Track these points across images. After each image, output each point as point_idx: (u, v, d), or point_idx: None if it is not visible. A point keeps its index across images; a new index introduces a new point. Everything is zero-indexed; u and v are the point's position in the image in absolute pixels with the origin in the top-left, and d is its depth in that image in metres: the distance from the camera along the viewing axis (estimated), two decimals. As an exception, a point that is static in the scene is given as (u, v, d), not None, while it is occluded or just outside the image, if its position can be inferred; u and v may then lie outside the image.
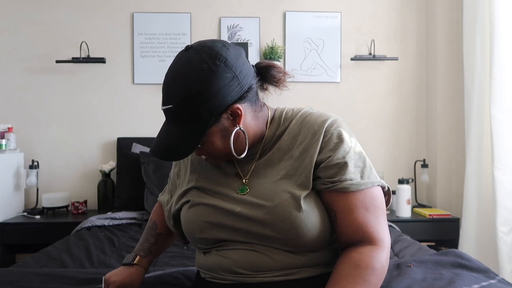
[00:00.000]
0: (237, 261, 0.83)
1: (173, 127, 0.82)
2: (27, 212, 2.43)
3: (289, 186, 0.82)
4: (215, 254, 0.88)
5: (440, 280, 1.10)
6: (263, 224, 0.81)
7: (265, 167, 0.88)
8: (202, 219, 0.87)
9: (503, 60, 2.07)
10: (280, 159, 0.87)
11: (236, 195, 0.86)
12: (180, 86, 0.79)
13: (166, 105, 0.81)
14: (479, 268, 1.20)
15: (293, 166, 0.84)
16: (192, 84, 0.77)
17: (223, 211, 0.85)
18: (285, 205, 0.80)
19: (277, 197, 0.82)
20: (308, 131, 0.86)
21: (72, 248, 1.60)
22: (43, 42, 2.64)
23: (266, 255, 0.82)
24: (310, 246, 0.82)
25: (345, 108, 2.67)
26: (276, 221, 0.80)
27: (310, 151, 0.84)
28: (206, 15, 2.72)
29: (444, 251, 1.37)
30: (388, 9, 2.78)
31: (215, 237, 0.87)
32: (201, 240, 0.89)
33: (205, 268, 0.91)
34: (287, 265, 0.82)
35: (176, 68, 0.81)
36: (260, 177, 0.87)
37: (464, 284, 1.06)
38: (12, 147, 2.48)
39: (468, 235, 2.23)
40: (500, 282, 1.10)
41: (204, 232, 0.87)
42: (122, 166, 2.50)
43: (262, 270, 0.82)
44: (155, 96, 2.69)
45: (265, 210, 0.81)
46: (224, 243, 0.87)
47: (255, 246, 0.83)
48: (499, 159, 2.06)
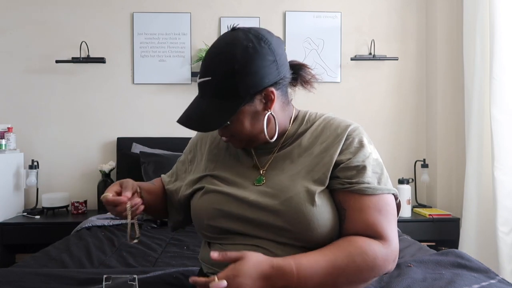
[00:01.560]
0: None
1: (207, 100, 0.85)
2: (27, 212, 2.43)
3: (306, 181, 0.84)
4: (218, 248, 0.88)
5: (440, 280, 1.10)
6: (275, 214, 0.82)
7: (283, 160, 0.90)
8: (214, 206, 0.88)
9: (503, 60, 2.07)
10: (299, 155, 0.89)
11: (252, 185, 0.88)
12: (224, 59, 0.82)
13: (205, 77, 0.84)
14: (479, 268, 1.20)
15: (312, 162, 0.86)
16: (236, 60, 0.81)
17: (237, 199, 0.86)
18: (300, 198, 0.81)
19: (292, 189, 0.83)
20: (330, 133, 0.88)
21: (72, 248, 1.60)
22: (43, 42, 2.64)
23: (270, 252, 0.82)
24: (319, 241, 0.82)
25: (345, 108, 2.67)
26: (289, 212, 0.81)
27: (330, 150, 0.86)
28: (206, 15, 2.72)
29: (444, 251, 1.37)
30: (388, 9, 2.78)
31: (223, 226, 0.87)
32: (208, 227, 0.89)
33: (208, 261, 0.91)
34: None
35: (222, 44, 0.85)
36: (277, 170, 0.89)
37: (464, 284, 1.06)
38: (12, 147, 2.48)
39: (468, 235, 2.23)
40: (500, 282, 1.10)
41: (214, 220, 0.88)
42: (122, 166, 2.50)
43: None
44: (155, 96, 2.69)
45: (279, 201, 0.82)
46: (230, 236, 0.87)
47: (261, 242, 0.83)
48: (499, 159, 2.06)
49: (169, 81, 2.68)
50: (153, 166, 2.28)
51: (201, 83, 0.86)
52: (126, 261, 1.47)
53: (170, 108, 2.69)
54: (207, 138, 1.03)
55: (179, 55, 2.68)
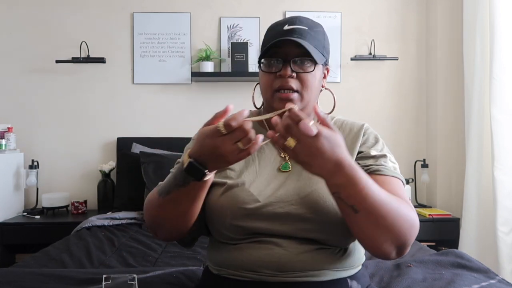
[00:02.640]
0: (261, 259, 0.82)
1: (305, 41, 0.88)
2: (27, 212, 2.43)
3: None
4: (236, 250, 0.86)
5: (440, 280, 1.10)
6: (303, 206, 0.83)
7: None
8: (239, 205, 0.84)
9: (503, 60, 2.07)
10: None
11: (278, 171, 0.89)
12: (317, 24, 0.93)
13: (301, 25, 0.89)
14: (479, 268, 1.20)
15: None
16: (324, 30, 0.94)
17: (264, 196, 0.85)
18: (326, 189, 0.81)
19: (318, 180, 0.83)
20: (347, 134, 0.94)
21: (72, 248, 1.60)
22: (43, 42, 2.64)
23: (290, 253, 0.82)
24: (339, 230, 0.82)
25: (345, 108, 2.67)
26: (316, 203, 0.83)
27: (350, 147, 0.90)
28: (206, 15, 2.72)
29: (444, 251, 1.37)
30: (388, 9, 2.78)
31: (248, 226, 0.84)
32: (232, 228, 0.85)
33: (222, 264, 0.88)
34: (310, 266, 0.82)
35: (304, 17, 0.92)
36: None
37: (464, 284, 1.06)
38: (12, 147, 2.48)
39: (468, 235, 2.23)
40: (500, 282, 1.10)
41: (238, 219, 0.84)
42: (122, 166, 2.50)
43: (285, 270, 0.82)
44: (155, 96, 2.69)
45: (307, 191, 0.84)
46: (253, 236, 0.85)
47: (283, 242, 0.82)
48: (499, 159, 2.06)
49: (169, 81, 2.68)
50: (153, 166, 2.28)
51: (297, 29, 0.88)
52: (126, 261, 1.47)
53: (170, 108, 2.68)
54: None
55: (179, 55, 2.68)
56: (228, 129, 0.66)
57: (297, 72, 0.87)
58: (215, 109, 0.79)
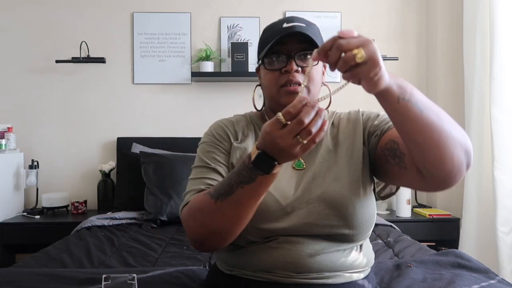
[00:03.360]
0: (278, 260, 0.82)
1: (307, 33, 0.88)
2: (27, 212, 2.43)
3: (347, 168, 0.87)
4: (253, 252, 0.85)
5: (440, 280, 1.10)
6: (323, 201, 0.83)
7: (316, 147, 0.91)
8: (260, 207, 0.80)
9: (503, 60, 2.07)
10: (328, 144, 0.92)
11: (292, 169, 0.89)
12: (311, 22, 0.94)
13: (299, 23, 0.89)
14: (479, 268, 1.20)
15: (345, 148, 0.91)
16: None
17: (282, 196, 0.85)
18: (343, 185, 0.85)
19: (333, 176, 0.86)
20: (346, 122, 0.96)
21: (72, 248, 1.60)
22: (43, 42, 2.64)
23: (307, 254, 0.82)
24: (360, 221, 0.84)
25: (345, 108, 2.66)
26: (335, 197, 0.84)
27: (353, 133, 0.92)
28: (206, 15, 2.71)
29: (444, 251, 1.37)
30: (388, 9, 2.78)
31: (270, 228, 0.83)
32: (254, 230, 0.83)
33: (236, 265, 0.88)
34: (326, 268, 0.82)
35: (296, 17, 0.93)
36: (313, 155, 0.90)
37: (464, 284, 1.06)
38: (12, 147, 2.48)
39: (468, 235, 2.23)
40: (500, 282, 1.10)
41: (261, 223, 0.83)
42: (122, 166, 2.50)
43: (301, 272, 0.82)
44: (155, 96, 2.69)
45: (322, 188, 0.85)
46: (273, 238, 0.84)
47: (304, 241, 0.83)
48: (499, 159, 2.06)
49: (169, 81, 2.68)
50: (153, 166, 2.28)
51: (297, 26, 0.88)
52: (126, 261, 1.47)
53: (170, 108, 2.68)
54: (226, 134, 0.96)
55: (179, 55, 2.68)
56: (289, 117, 0.64)
57: (302, 66, 0.87)
58: (215, 109, 0.79)
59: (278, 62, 0.89)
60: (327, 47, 0.65)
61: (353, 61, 0.62)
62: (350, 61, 0.62)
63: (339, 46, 0.63)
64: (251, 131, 0.97)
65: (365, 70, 0.63)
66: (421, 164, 0.73)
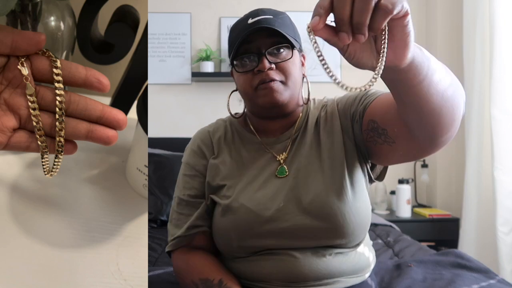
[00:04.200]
0: (272, 271, 0.78)
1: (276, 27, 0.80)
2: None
3: (329, 169, 0.79)
4: (246, 263, 0.81)
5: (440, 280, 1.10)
6: (309, 214, 0.76)
7: (299, 146, 0.84)
8: (242, 228, 0.78)
9: (503, 60, 2.07)
10: (311, 139, 0.84)
11: (275, 178, 0.81)
12: (280, 11, 0.85)
13: (267, 15, 0.81)
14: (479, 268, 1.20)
15: (327, 144, 0.82)
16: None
17: (266, 209, 0.78)
18: (328, 193, 0.77)
19: (318, 184, 0.78)
20: (325, 119, 0.86)
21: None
22: (43, 42, 2.64)
23: (303, 262, 0.77)
24: (351, 227, 0.77)
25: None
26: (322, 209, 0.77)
27: (331, 122, 0.84)
28: (206, 15, 2.72)
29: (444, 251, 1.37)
30: (388, 9, 2.78)
31: (256, 245, 0.79)
32: (240, 249, 0.80)
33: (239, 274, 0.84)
34: (323, 275, 0.77)
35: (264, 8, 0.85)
36: (297, 157, 0.83)
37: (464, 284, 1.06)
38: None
39: (468, 235, 2.23)
40: (500, 282, 1.10)
41: (245, 241, 0.79)
42: (122, 166, 2.50)
43: (298, 281, 0.77)
44: (155, 96, 2.69)
45: (309, 198, 0.77)
46: (263, 251, 0.80)
47: (295, 253, 0.77)
48: (499, 159, 2.06)
49: (169, 81, 2.68)
50: (153, 166, 2.28)
51: (262, 20, 0.80)
52: (126, 261, 1.47)
53: (170, 108, 2.68)
54: (202, 153, 0.93)
55: (179, 55, 2.68)
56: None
57: (276, 63, 0.79)
58: (215, 109, 0.79)
59: (250, 62, 0.81)
60: (324, 2, 0.45)
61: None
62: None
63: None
64: (227, 140, 0.91)
65: (397, 16, 0.44)
66: (418, 127, 0.63)
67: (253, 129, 0.90)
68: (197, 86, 2.70)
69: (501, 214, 2.04)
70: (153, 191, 2.19)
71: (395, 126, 0.69)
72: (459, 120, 0.63)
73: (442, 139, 0.65)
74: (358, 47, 0.50)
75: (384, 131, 0.72)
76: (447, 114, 0.59)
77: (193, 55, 2.69)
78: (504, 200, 2.04)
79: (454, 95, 0.59)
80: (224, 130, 0.94)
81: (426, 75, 0.54)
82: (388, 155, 0.76)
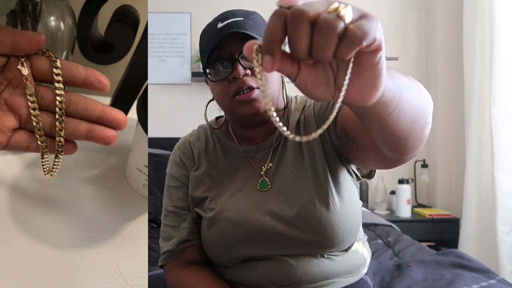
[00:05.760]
0: (265, 276, 0.77)
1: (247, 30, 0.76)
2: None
3: (314, 179, 0.76)
4: (238, 269, 0.80)
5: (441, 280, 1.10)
6: (295, 227, 0.74)
7: (281, 154, 0.81)
8: (228, 238, 0.77)
9: (503, 60, 2.07)
10: (293, 146, 0.81)
11: (258, 191, 0.79)
12: (251, 11, 0.82)
13: (237, 18, 0.78)
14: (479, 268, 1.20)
15: (309, 149, 0.79)
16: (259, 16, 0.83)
17: (251, 221, 0.77)
18: (313, 204, 0.75)
19: (303, 195, 0.75)
20: (303, 124, 0.83)
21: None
22: (43, 42, 2.64)
23: (296, 265, 0.76)
24: (340, 236, 0.75)
25: (345, 108, 2.67)
26: (307, 221, 0.74)
27: (312, 130, 0.79)
28: (206, 15, 2.69)
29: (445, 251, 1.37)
30: (388, 9, 2.78)
31: (245, 255, 0.78)
32: (229, 259, 0.80)
33: (224, 279, 0.84)
34: (317, 277, 0.76)
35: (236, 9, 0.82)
36: (279, 169, 0.80)
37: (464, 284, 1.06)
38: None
39: (468, 235, 2.23)
40: (500, 282, 1.10)
41: (233, 251, 0.78)
42: (122, 166, 2.50)
43: (291, 284, 0.76)
44: (155, 96, 2.69)
45: (294, 210, 0.75)
46: (253, 260, 0.79)
47: (285, 257, 0.76)
48: (499, 159, 2.06)
49: (169, 81, 2.68)
50: (153, 166, 2.28)
51: (232, 23, 0.76)
52: (126, 261, 1.47)
53: (170, 108, 2.68)
54: (184, 165, 0.91)
55: (179, 55, 2.68)
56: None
57: (251, 68, 0.74)
58: (215, 109, 0.78)
59: (224, 69, 0.76)
60: (275, 35, 0.33)
61: (341, 22, 0.31)
62: (336, 25, 0.31)
63: (297, 13, 0.31)
64: (208, 151, 0.88)
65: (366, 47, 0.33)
66: (384, 148, 0.59)
67: (234, 137, 0.86)
68: (197, 86, 2.70)
69: (501, 214, 2.04)
70: (153, 191, 2.19)
71: (362, 137, 0.66)
72: (426, 137, 0.58)
73: (409, 157, 0.62)
74: (311, 79, 0.37)
75: (354, 139, 0.69)
76: (415, 137, 0.55)
77: (193, 55, 2.69)
78: (504, 200, 2.04)
79: (424, 116, 0.54)
80: (205, 140, 0.90)
81: (395, 108, 0.46)
82: (363, 161, 0.73)
